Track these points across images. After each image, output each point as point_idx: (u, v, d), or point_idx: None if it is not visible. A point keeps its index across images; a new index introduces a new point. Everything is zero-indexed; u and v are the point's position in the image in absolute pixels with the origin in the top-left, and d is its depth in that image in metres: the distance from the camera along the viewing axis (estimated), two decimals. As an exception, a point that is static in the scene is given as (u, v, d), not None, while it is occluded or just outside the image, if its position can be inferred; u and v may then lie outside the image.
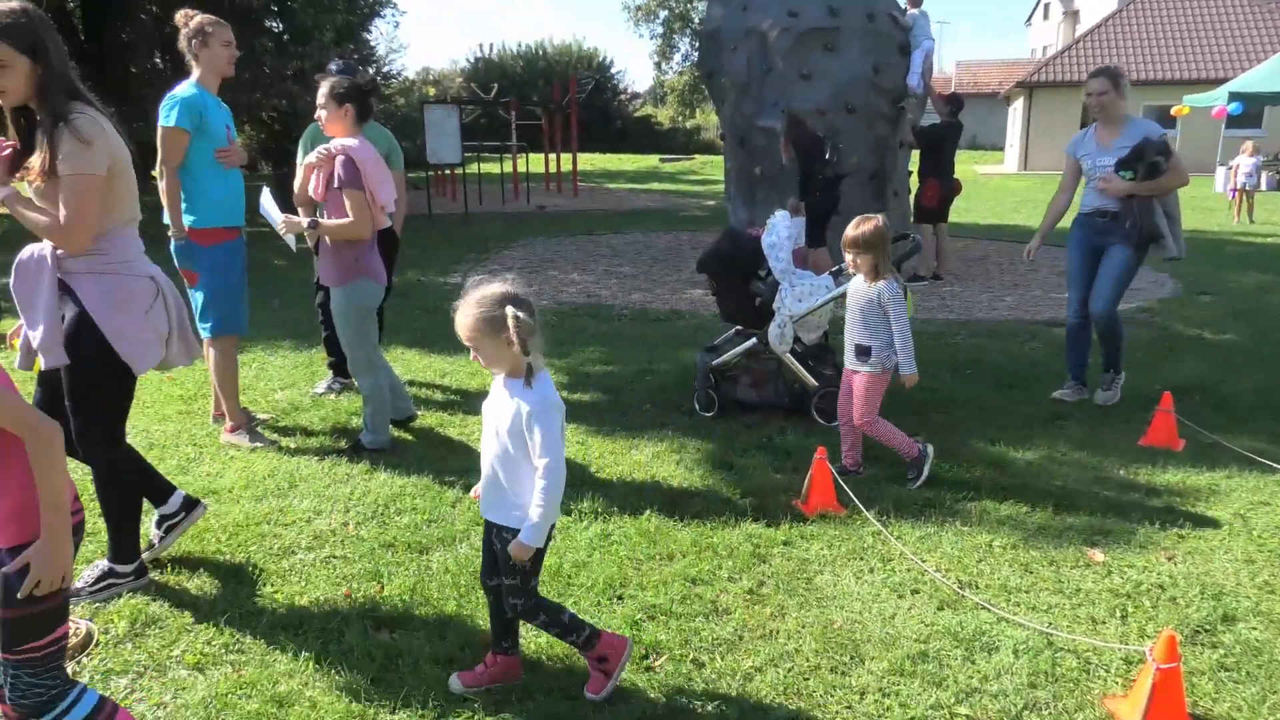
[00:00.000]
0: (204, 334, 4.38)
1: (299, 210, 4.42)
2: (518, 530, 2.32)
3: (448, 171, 18.76)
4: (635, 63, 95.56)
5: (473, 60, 41.04)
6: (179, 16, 4.18)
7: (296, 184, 4.35)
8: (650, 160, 33.34)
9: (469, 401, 5.19)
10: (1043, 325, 7.17)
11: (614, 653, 2.48)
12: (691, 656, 2.69)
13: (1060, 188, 5.17)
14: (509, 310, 2.18)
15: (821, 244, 6.56)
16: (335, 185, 3.96)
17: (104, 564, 3.02)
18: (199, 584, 3.10)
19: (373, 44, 21.79)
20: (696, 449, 4.43)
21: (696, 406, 4.92)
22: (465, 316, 2.24)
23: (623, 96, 44.22)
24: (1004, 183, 24.13)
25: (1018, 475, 4.11)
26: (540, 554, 2.42)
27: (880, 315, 3.86)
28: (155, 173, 4.38)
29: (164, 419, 4.84)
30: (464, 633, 2.79)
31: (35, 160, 2.67)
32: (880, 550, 3.36)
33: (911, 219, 9.53)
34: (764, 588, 3.09)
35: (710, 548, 3.36)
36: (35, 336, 2.75)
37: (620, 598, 3.02)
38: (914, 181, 9.59)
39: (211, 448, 4.40)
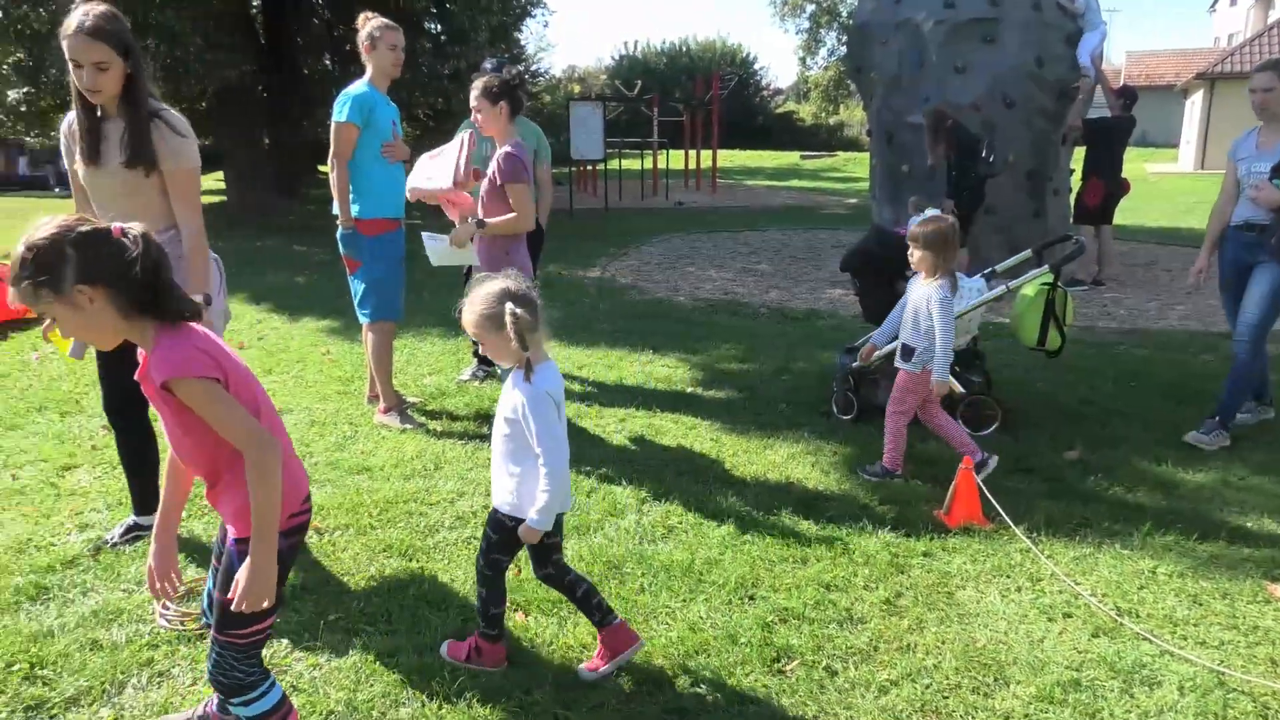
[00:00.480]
0: (363, 319, 4.64)
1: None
2: (509, 515, 2.47)
3: (589, 167, 19.13)
4: (779, 58, 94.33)
5: (617, 58, 41.66)
6: (360, 18, 4.42)
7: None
8: (791, 157, 32.86)
9: (605, 394, 5.27)
10: (1219, 337, 6.59)
11: (484, 658, 2.58)
12: (824, 664, 2.63)
13: (1222, 193, 4.68)
14: (507, 307, 2.27)
15: (962, 244, 6.27)
16: (497, 182, 4.11)
17: None
18: (353, 554, 3.28)
19: (523, 43, 22.45)
20: (833, 452, 4.33)
21: (834, 409, 4.81)
22: (469, 314, 2.36)
23: (765, 92, 43.74)
24: (1177, 183, 22.36)
25: (1186, 498, 3.80)
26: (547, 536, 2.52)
27: (928, 316, 3.77)
28: (325, 166, 4.66)
29: (324, 398, 5.16)
30: (596, 621, 2.83)
31: (123, 151, 2.96)
32: (1029, 569, 3.18)
33: (1071, 219, 8.97)
34: (902, 599, 2.99)
35: (846, 554, 3.27)
36: None
37: (752, 598, 2.99)
38: (1077, 180, 9.02)
39: (365, 427, 4.65)
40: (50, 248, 1.67)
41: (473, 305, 2.35)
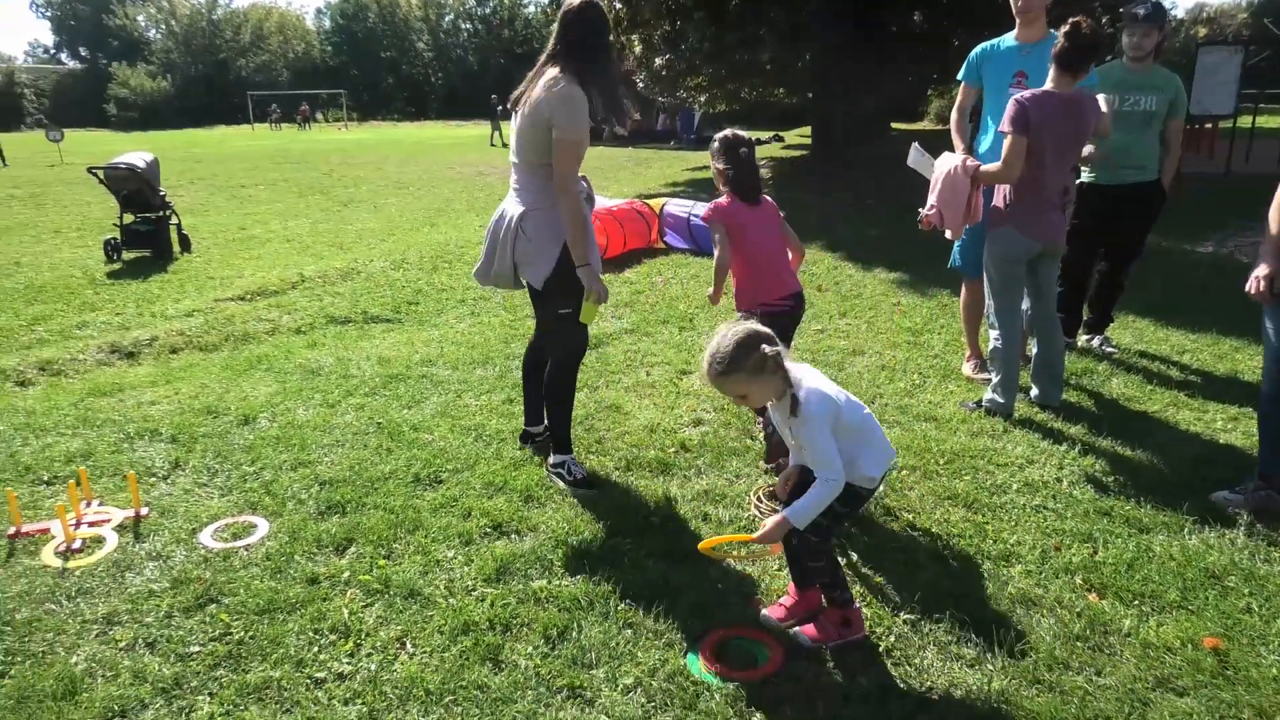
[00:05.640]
0: (966, 274, 4.71)
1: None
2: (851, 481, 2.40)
3: (1209, 124, 16.24)
4: None
5: (1267, -10, 34.17)
6: None
7: None
8: None
9: (1211, 386, 4.57)
10: None
11: (854, 628, 2.51)
12: None
13: None
14: (763, 349, 2.22)
15: None
16: (1003, 128, 3.89)
17: None
18: (919, 494, 3.42)
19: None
20: None
21: None
22: (729, 377, 2.25)
23: None
24: None
25: None
26: (855, 510, 2.57)
27: None
28: (898, 123, 4.80)
29: (894, 345, 5.37)
30: (1186, 627, 2.55)
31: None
32: None
33: None
34: None
35: None
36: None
37: None
38: None
39: (934, 378, 4.75)
40: None
41: (728, 367, 2.23)
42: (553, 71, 3.24)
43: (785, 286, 3.52)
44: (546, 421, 3.76)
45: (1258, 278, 3.13)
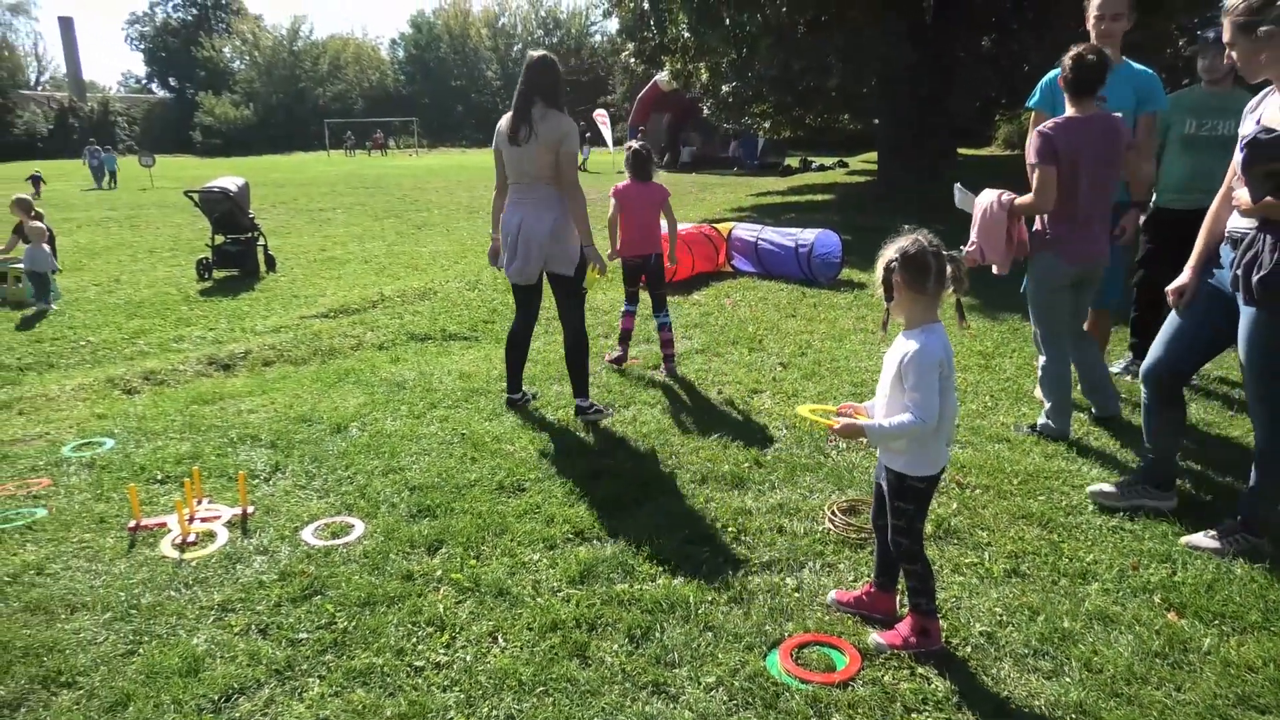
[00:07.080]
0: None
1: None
2: (896, 471, 2.51)
3: None
4: None
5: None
6: None
7: None
8: None
9: None
10: None
11: (932, 638, 2.56)
12: None
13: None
14: (885, 264, 2.45)
15: None
16: (1031, 160, 3.93)
17: None
18: (993, 513, 3.46)
19: (1221, 2, 19.25)
20: None
21: None
22: (876, 269, 2.50)
23: None
24: None
25: None
26: (922, 507, 2.55)
27: None
28: (965, 149, 4.81)
29: (965, 369, 5.39)
30: (1269, 647, 2.55)
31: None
32: None
33: None
34: None
35: None
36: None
37: None
38: None
39: (1006, 401, 4.76)
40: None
41: (881, 258, 2.49)
42: (546, 109, 4.23)
43: (645, 248, 5.38)
44: (571, 377, 4.69)
45: (1170, 290, 3.35)
